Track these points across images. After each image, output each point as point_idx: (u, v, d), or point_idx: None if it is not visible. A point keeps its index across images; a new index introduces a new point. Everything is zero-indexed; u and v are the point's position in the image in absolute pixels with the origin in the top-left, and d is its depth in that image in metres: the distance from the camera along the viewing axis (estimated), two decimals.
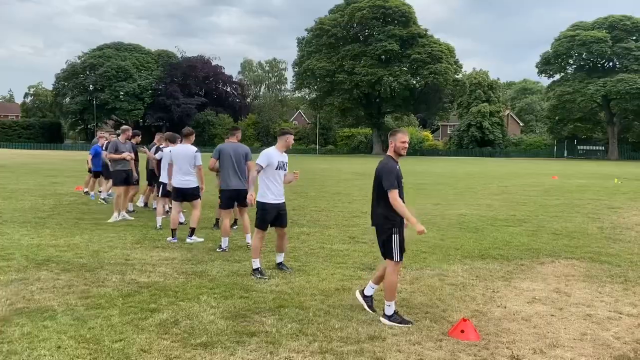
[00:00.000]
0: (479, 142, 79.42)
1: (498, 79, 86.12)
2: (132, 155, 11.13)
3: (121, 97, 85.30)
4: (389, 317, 5.01)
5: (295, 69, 78.42)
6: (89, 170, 15.00)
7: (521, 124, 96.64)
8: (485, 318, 5.24)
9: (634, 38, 69.82)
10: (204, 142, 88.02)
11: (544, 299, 5.90)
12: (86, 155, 15.75)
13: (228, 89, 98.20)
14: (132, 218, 10.99)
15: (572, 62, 74.67)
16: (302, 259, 7.55)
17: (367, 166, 37.86)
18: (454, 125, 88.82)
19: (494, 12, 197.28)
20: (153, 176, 11.47)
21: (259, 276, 6.50)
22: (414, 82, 73.15)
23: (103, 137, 14.53)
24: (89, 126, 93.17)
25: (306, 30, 77.45)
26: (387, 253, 5.12)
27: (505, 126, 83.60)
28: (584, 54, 71.12)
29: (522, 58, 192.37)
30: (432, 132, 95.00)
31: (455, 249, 8.55)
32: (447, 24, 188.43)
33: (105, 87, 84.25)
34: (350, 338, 4.59)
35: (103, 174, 13.73)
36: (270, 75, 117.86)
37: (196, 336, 4.55)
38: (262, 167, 6.58)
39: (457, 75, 75.53)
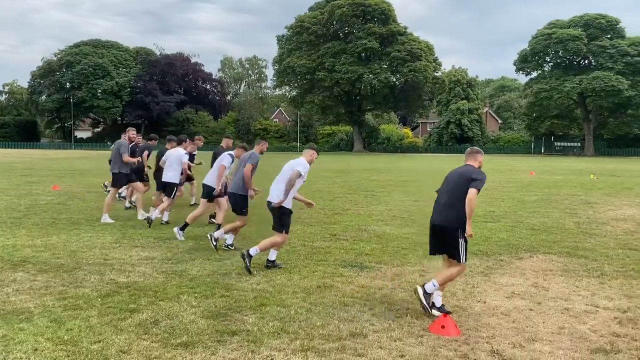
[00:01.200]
0: (458, 139, 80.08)
1: (477, 76, 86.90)
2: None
3: (99, 94, 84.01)
4: (439, 309, 5.16)
5: (276, 67, 78.14)
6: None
7: (499, 121, 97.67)
8: (466, 313, 5.29)
9: (609, 36, 71.00)
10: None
11: (523, 294, 5.98)
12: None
13: (208, 87, 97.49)
14: (113, 221, 10.61)
15: (549, 60, 75.65)
16: (283, 257, 7.53)
17: (348, 164, 37.93)
18: (434, 122, 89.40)
19: (472, 10, 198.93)
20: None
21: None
22: (394, 79, 73.42)
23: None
24: (65, 124, 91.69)
25: (286, 27, 77.24)
26: (455, 256, 5.27)
27: (484, 123, 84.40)
28: (561, 51, 72.10)
29: (500, 56, 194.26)
30: (412, 130, 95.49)
31: None
32: (425, 22, 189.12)
33: (82, 85, 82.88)
34: (331, 335, 4.60)
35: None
36: (250, 72, 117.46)
37: (176, 336, 4.51)
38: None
39: (437, 72, 75.94)
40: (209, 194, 8.89)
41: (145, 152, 11.68)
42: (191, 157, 11.59)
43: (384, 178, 23.83)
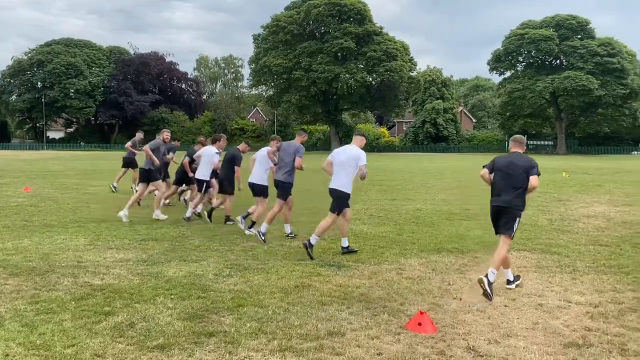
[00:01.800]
0: (434, 138, 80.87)
1: (451, 76, 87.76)
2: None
3: (71, 94, 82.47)
4: (513, 281, 6.13)
5: (252, 66, 77.78)
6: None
7: (474, 120, 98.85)
8: (442, 310, 5.34)
9: (579, 37, 72.42)
10: None
11: (498, 290, 6.06)
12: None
13: (183, 86, 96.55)
14: (166, 217, 10.92)
15: (521, 60, 76.83)
16: (261, 257, 7.51)
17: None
18: (410, 122, 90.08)
19: (447, 10, 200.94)
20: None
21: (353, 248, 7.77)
22: (370, 79, 73.70)
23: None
24: (37, 125, 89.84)
25: (262, 27, 76.94)
26: (508, 230, 6.04)
27: (459, 122, 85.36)
28: (533, 51, 73.30)
29: (474, 56, 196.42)
30: (389, 129, 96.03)
31: (412, 243, 8.69)
32: (401, 22, 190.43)
33: (54, 85, 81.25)
34: (309, 335, 4.60)
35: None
36: (226, 72, 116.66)
37: (152, 338, 4.45)
38: None
39: (412, 72, 76.51)
40: (252, 190, 9.48)
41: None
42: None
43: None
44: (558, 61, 74.61)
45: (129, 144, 15.71)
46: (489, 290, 5.61)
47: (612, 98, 68.39)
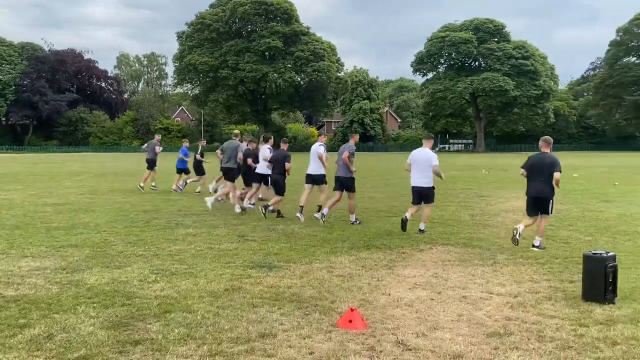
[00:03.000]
0: (361, 137, 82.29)
1: (377, 77, 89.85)
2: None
3: None
4: (538, 247, 7.97)
5: (176, 64, 75.83)
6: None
7: (399, 120, 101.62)
8: (372, 306, 5.43)
9: (496, 40, 76.29)
10: (77, 140, 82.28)
11: (424, 284, 6.24)
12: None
13: (103, 85, 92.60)
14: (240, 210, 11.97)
15: (443, 62, 79.89)
16: (189, 262, 7.31)
17: None
18: (338, 121, 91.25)
19: (372, 12, 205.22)
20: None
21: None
22: (299, 79, 73.92)
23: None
24: None
25: (186, 24, 75.13)
26: (546, 211, 8.03)
27: (385, 122, 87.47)
28: (454, 53, 76.44)
29: (399, 57, 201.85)
30: (318, 129, 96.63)
31: (342, 241, 8.79)
32: (327, 23, 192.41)
33: None
34: (240, 338, 4.53)
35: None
36: (149, 69, 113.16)
37: (73, 350, 4.22)
38: None
39: (339, 73, 77.46)
40: (314, 181, 11.22)
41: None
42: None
43: (290, 177, 23.85)
44: (477, 63, 78.18)
45: (158, 148, 17.85)
46: (518, 238, 7.97)
47: (526, 98, 72.53)
